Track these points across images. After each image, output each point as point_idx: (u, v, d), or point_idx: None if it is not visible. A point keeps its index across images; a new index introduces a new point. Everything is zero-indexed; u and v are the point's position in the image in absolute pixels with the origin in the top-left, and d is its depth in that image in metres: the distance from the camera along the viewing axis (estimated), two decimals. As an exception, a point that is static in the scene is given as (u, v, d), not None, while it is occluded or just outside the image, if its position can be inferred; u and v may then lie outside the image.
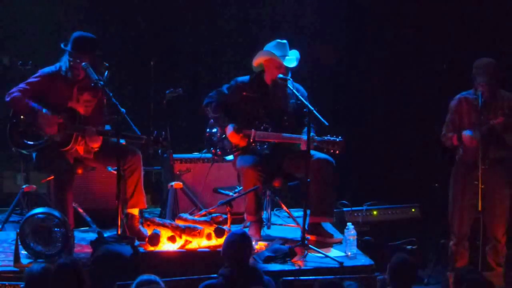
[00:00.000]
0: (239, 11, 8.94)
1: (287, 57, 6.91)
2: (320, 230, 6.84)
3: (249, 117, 6.97)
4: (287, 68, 6.89)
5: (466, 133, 6.50)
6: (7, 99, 6.55)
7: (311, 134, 6.61)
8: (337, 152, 6.65)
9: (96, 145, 6.59)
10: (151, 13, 8.75)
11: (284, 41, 6.95)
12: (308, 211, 6.55)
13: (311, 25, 8.94)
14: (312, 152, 6.63)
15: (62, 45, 6.61)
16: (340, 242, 6.73)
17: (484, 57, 6.59)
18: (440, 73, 8.39)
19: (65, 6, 8.49)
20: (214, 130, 7.08)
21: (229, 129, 6.91)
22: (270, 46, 6.96)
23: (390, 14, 8.85)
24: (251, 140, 6.91)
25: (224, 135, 6.99)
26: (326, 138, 6.68)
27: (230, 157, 7.09)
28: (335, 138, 6.66)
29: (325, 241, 6.77)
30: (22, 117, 6.56)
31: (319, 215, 6.79)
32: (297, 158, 6.71)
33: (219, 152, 7.06)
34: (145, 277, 4.64)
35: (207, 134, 7.13)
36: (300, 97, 6.69)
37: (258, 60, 6.99)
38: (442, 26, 8.62)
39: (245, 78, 7.06)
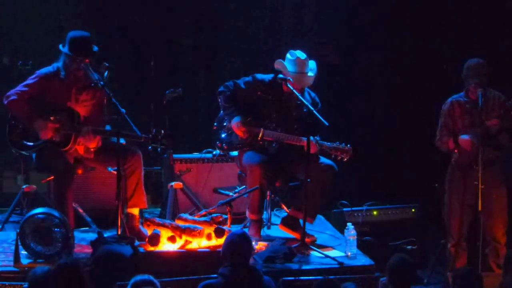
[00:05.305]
0: (239, 11, 8.94)
1: (304, 74, 6.81)
2: (296, 226, 6.83)
3: (260, 116, 6.94)
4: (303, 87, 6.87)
5: (463, 137, 6.52)
6: (5, 102, 6.55)
7: (317, 138, 6.67)
8: (345, 160, 6.67)
9: (92, 145, 6.57)
10: (151, 13, 8.75)
11: (304, 56, 6.82)
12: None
13: (312, 25, 8.95)
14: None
15: (60, 47, 6.61)
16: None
17: (478, 57, 6.61)
18: (441, 73, 8.39)
19: (65, 6, 8.48)
20: (224, 124, 7.04)
21: (235, 120, 6.87)
22: (290, 61, 6.83)
23: (390, 14, 8.87)
24: (259, 139, 6.90)
25: (230, 131, 6.96)
26: (335, 144, 6.68)
27: (235, 152, 7.10)
28: (344, 146, 6.66)
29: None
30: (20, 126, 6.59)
31: (303, 212, 6.65)
32: (301, 160, 6.68)
33: (225, 147, 7.05)
34: (139, 277, 4.64)
35: (215, 127, 7.11)
36: (301, 97, 6.69)
37: (277, 66, 6.93)
38: (443, 26, 8.62)
39: (265, 77, 6.97)
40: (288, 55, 6.89)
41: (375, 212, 7.62)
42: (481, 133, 6.38)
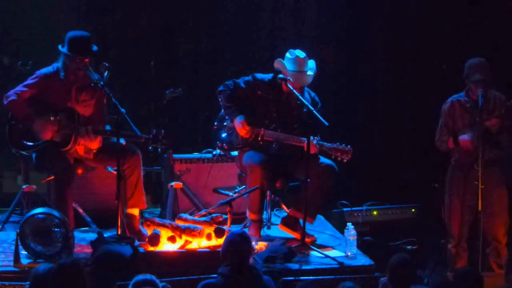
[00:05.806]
0: (240, 11, 8.94)
1: (303, 73, 6.82)
2: (296, 226, 6.83)
3: (260, 116, 6.94)
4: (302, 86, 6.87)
5: (463, 137, 6.51)
6: (5, 102, 6.56)
7: (317, 138, 6.67)
8: (345, 160, 6.67)
9: (94, 145, 6.57)
10: (152, 13, 8.74)
11: (303, 55, 6.84)
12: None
13: (312, 26, 8.95)
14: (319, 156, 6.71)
15: (59, 47, 6.61)
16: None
17: (479, 56, 6.61)
18: (440, 73, 8.39)
19: (65, 6, 8.48)
20: (225, 123, 7.05)
21: (238, 120, 6.87)
22: (289, 60, 6.84)
23: (390, 14, 8.87)
24: (259, 139, 6.90)
25: (231, 131, 6.96)
26: (336, 145, 6.68)
27: (235, 152, 7.09)
28: (344, 146, 6.67)
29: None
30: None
31: (303, 212, 6.64)
32: (301, 160, 6.67)
33: (225, 147, 7.05)
34: (141, 277, 4.64)
35: (215, 127, 7.11)
36: (300, 97, 6.69)
37: (277, 65, 6.93)
38: (443, 26, 8.62)
39: (265, 76, 6.98)
40: (287, 54, 6.90)
41: (375, 212, 7.63)
42: (481, 133, 6.38)
